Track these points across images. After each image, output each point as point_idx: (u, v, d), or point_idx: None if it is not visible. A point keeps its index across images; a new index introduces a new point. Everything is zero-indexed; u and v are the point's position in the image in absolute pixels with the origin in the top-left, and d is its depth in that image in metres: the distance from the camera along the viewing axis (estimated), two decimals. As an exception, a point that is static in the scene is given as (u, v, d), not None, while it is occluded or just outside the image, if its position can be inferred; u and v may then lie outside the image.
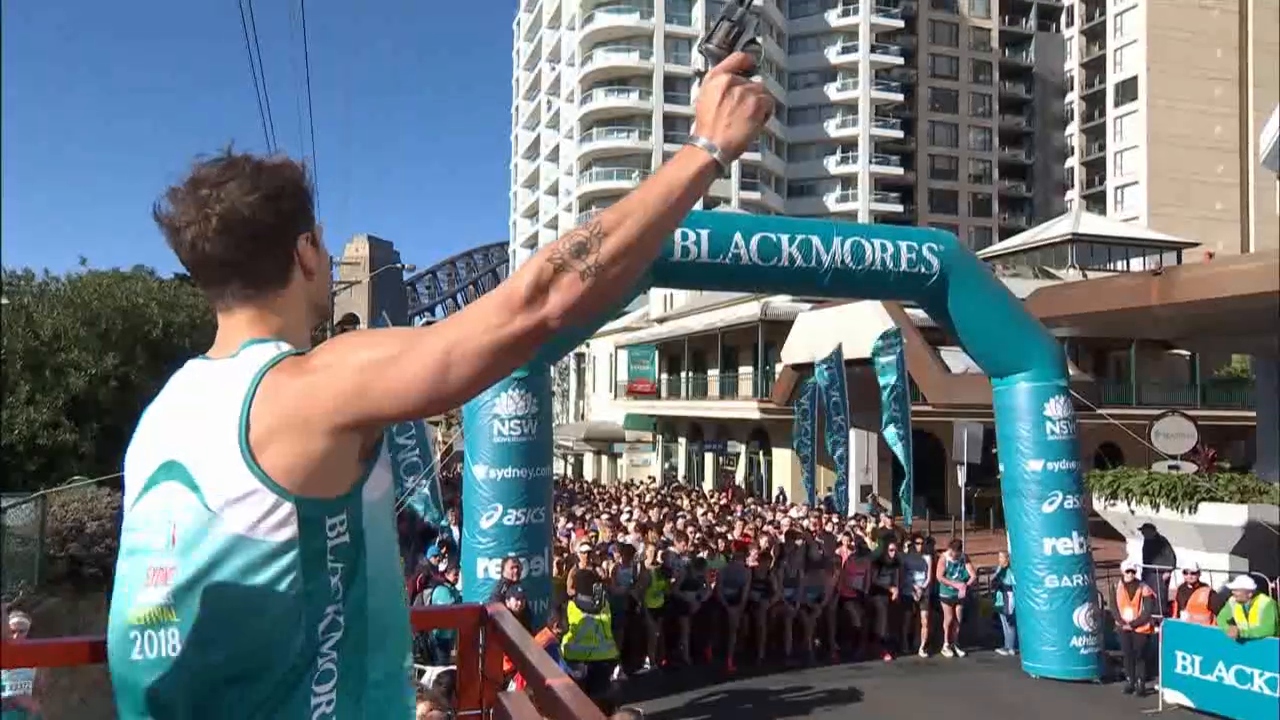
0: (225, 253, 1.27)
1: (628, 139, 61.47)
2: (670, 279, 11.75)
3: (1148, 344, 25.04)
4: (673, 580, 11.27)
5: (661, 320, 36.87)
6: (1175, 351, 25.73)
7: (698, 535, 13.33)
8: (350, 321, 72.97)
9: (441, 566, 10.82)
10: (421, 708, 4.47)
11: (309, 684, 1.15)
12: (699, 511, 17.70)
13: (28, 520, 10.08)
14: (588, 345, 41.53)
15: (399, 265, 65.39)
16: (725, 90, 1.27)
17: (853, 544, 13.14)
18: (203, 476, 1.17)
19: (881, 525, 15.67)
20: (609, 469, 40.53)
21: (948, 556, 12.61)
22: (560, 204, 69.03)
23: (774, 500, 23.41)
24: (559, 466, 39.74)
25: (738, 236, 10.63)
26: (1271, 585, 10.20)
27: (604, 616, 8.77)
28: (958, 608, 12.32)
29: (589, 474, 40.71)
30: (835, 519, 16.83)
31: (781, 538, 13.45)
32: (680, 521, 14.88)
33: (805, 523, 16.30)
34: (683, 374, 33.81)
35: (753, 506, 19.69)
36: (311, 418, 1.15)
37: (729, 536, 14.21)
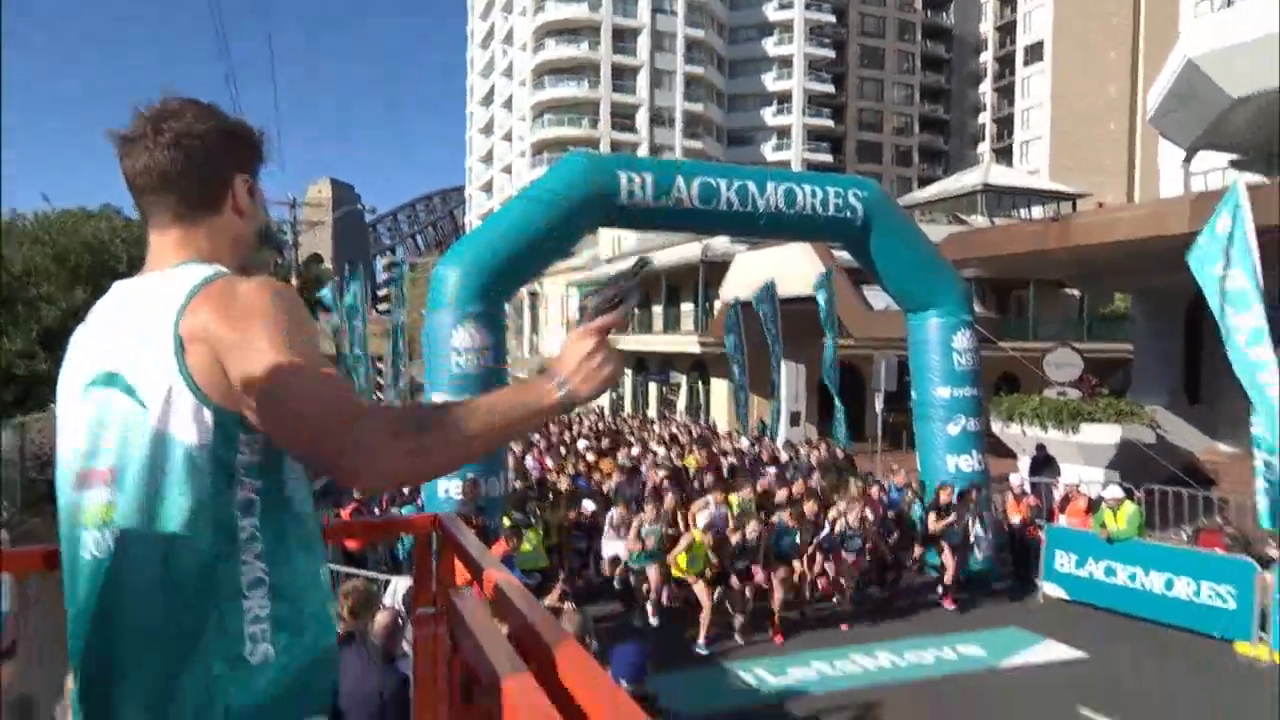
0: (170, 166, 1.27)
1: (578, 88, 60.02)
2: (617, 220, 11.63)
3: (1044, 284, 25.76)
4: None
5: (610, 260, 36.63)
6: (1068, 291, 26.53)
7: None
8: (315, 261, 70.90)
9: (406, 490, 10.84)
10: (382, 617, 4.53)
11: (240, 587, 1.16)
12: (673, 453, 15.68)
13: (8, 445, 9.80)
14: (540, 284, 41.16)
15: (360, 207, 63.47)
16: (591, 352, 1.26)
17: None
18: (138, 380, 1.18)
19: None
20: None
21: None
22: (514, 150, 67.36)
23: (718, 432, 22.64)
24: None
25: (680, 181, 10.57)
26: (1137, 493, 10.79)
27: (534, 534, 9.29)
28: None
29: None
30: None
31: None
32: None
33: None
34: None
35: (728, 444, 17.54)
36: (223, 365, 1.16)
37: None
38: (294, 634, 1.18)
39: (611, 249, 37.42)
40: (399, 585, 5.81)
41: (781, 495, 11.01)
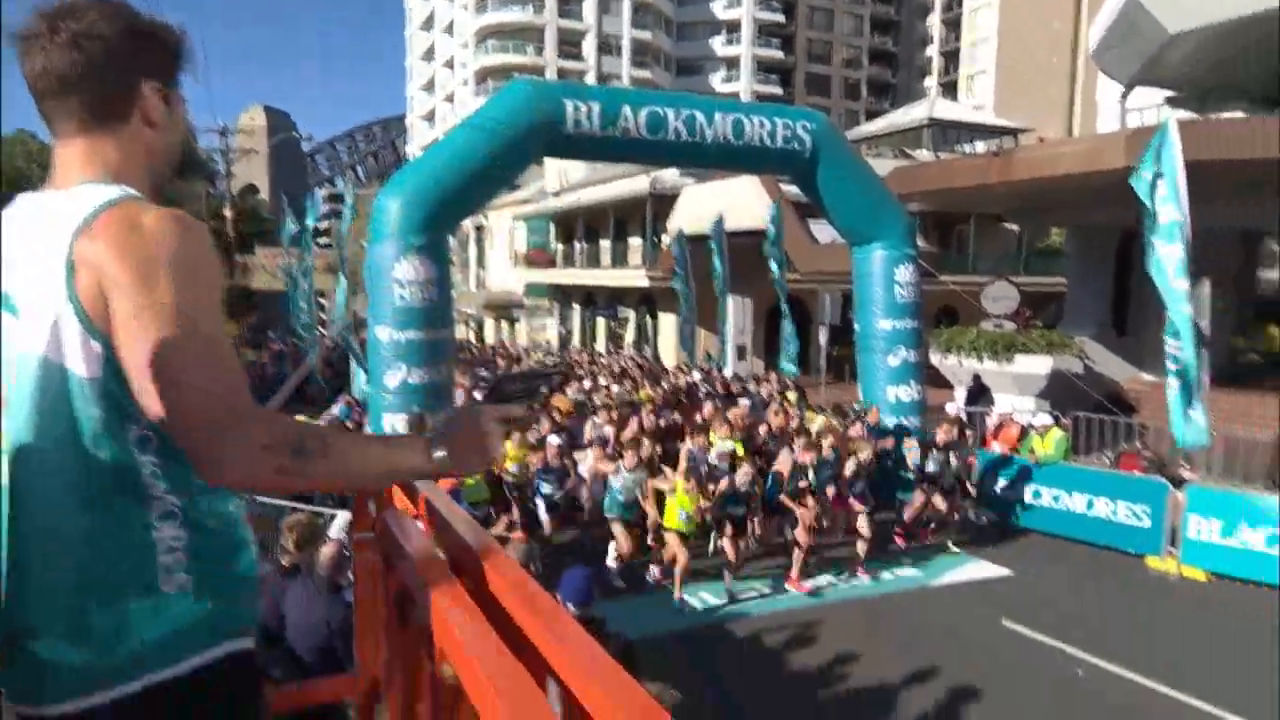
0: (69, 69, 1.18)
1: (523, 12, 57.87)
2: (562, 150, 11.37)
3: (984, 219, 26.19)
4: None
5: (556, 193, 36.02)
6: (1007, 226, 27.02)
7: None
8: (250, 192, 68.12)
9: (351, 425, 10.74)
10: (327, 549, 4.52)
11: (148, 520, 1.13)
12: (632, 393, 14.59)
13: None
14: (486, 217, 40.33)
15: (296, 135, 60.87)
16: (486, 435, 1.26)
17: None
18: (27, 304, 1.12)
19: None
20: (509, 333, 40.34)
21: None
22: (457, 78, 64.98)
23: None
24: (461, 331, 39.27)
25: (627, 110, 10.36)
26: (1064, 421, 11.26)
27: None
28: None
29: (490, 338, 40.45)
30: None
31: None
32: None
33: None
34: (577, 244, 33.46)
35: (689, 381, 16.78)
36: (108, 306, 1.09)
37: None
38: (211, 563, 1.16)
39: (558, 181, 36.75)
40: (343, 518, 5.78)
41: (762, 431, 10.37)
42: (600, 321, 33.25)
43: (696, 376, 17.66)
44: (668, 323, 27.47)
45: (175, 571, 1.13)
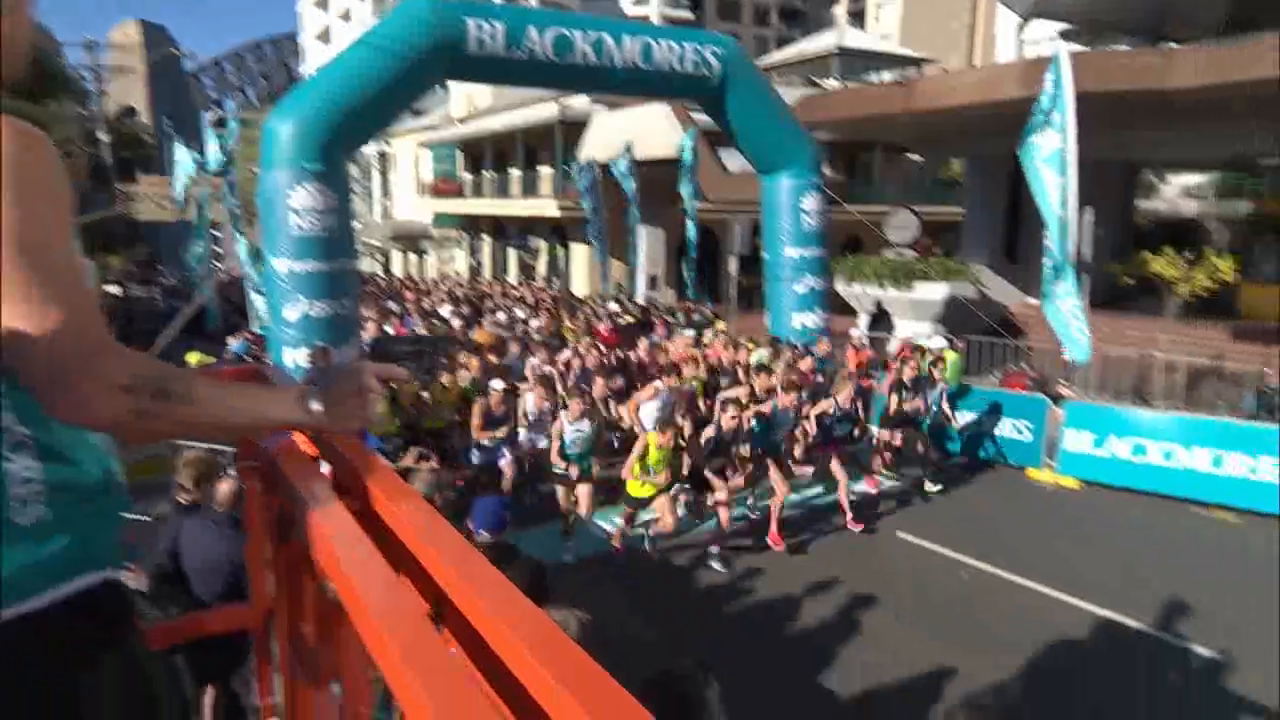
0: None
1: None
2: (466, 73, 10.91)
3: (889, 149, 26.71)
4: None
5: (463, 120, 34.71)
6: (910, 156, 27.65)
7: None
8: (128, 114, 63.00)
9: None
10: (225, 485, 4.38)
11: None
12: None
13: None
14: (388, 143, 38.63)
15: (177, 52, 56.40)
16: (363, 390, 1.22)
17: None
18: None
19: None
20: (417, 266, 39.21)
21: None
22: (353, -7, 61.14)
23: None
24: (367, 264, 37.91)
25: (532, 31, 9.98)
26: (958, 344, 11.80)
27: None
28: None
29: (398, 271, 39.23)
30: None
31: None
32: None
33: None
34: (485, 173, 32.50)
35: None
36: None
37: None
38: (71, 494, 1.09)
39: (465, 107, 35.40)
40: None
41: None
42: (511, 252, 32.67)
43: (614, 307, 17.67)
44: (580, 253, 27.22)
45: (31, 504, 1.06)
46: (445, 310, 17.86)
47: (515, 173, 30.18)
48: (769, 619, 6.27)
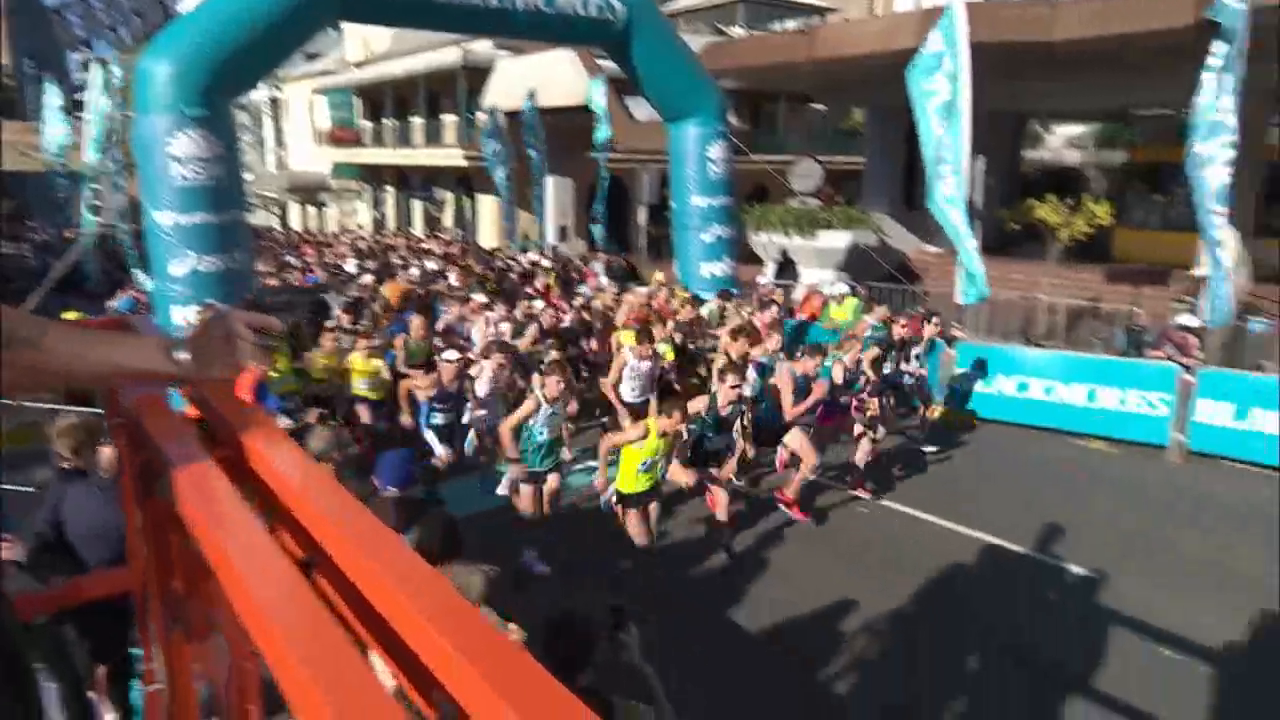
0: None
1: None
2: (360, 13, 10.35)
3: (794, 98, 26.90)
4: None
5: (359, 64, 33.02)
6: (813, 106, 27.95)
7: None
8: (-18, 54, 57.21)
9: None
10: (107, 450, 4.14)
11: None
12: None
13: None
14: (279, 89, 36.52)
15: (35, -14, 51.38)
16: (232, 337, 1.15)
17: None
18: None
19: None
20: (317, 218, 37.52)
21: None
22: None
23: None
24: (262, 217, 36.06)
25: (428, -31, 9.54)
26: (859, 289, 12.15)
27: (280, 357, 7.25)
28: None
29: (296, 224, 37.46)
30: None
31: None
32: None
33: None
34: (386, 121, 31.15)
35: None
36: None
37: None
38: None
39: (361, 50, 33.67)
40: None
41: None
42: (416, 204, 31.63)
43: (533, 258, 17.34)
44: (487, 204, 26.58)
45: None
46: (350, 265, 17.21)
47: (418, 121, 29.04)
48: (690, 551, 6.40)
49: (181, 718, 1.35)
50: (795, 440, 6.75)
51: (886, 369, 7.70)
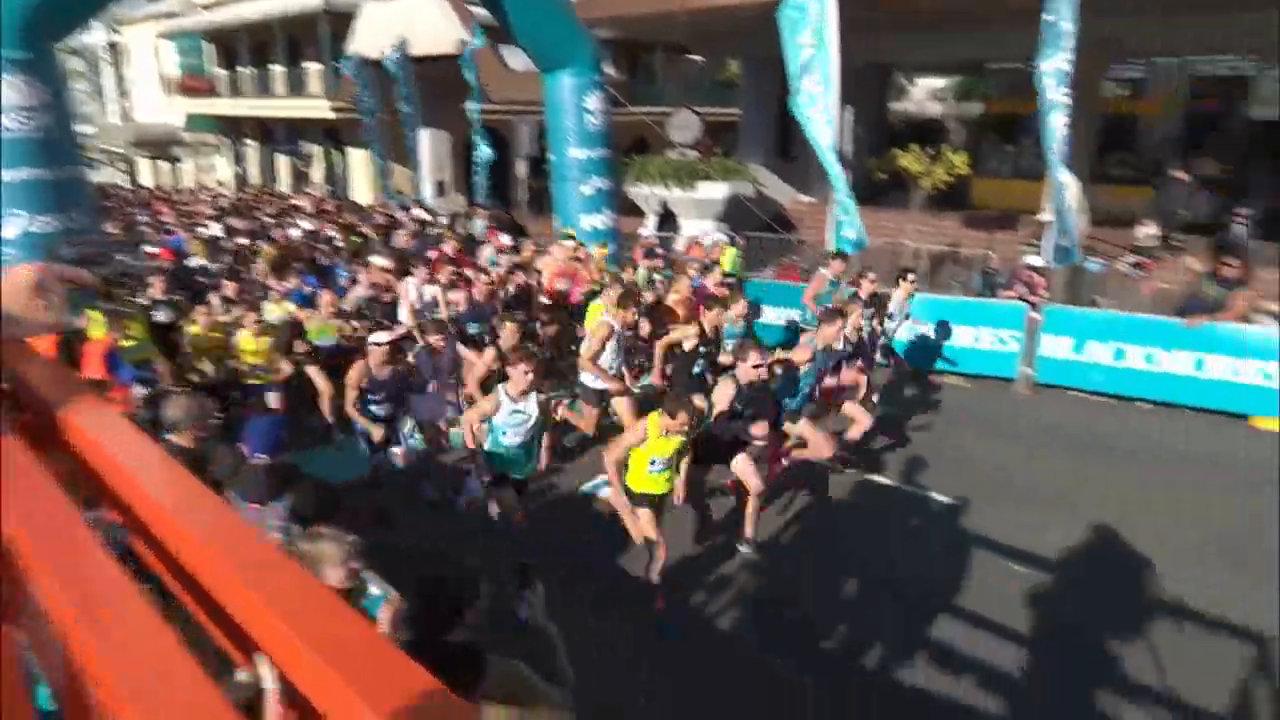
0: None
1: None
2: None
3: (671, 49, 26.76)
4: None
5: (207, 6, 30.44)
6: (690, 57, 27.91)
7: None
8: None
9: None
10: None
11: None
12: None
13: None
14: (118, 31, 33.31)
15: None
16: (42, 289, 1.10)
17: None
18: None
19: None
20: (171, 175, 34.75)
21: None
22: None
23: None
24: (109, 174, 33.13)
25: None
26: (738, 239, 12.38)
27: (134, 324, 6.76)
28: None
29: (147, 181, 34.56)
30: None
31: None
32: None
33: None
34: (241, 69, 28.97)
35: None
36: None
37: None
38: None
39: (210, -9, 31.01)
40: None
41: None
42: (281, 159, 29.78)
43: (404, 216, 16.56)
44: (358, 158, 25.32)
45: None
46: (216, 227, 15.97)
47: (278, 69, 27.16)
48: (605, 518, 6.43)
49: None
50: (850, 406, 6.73)
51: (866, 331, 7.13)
